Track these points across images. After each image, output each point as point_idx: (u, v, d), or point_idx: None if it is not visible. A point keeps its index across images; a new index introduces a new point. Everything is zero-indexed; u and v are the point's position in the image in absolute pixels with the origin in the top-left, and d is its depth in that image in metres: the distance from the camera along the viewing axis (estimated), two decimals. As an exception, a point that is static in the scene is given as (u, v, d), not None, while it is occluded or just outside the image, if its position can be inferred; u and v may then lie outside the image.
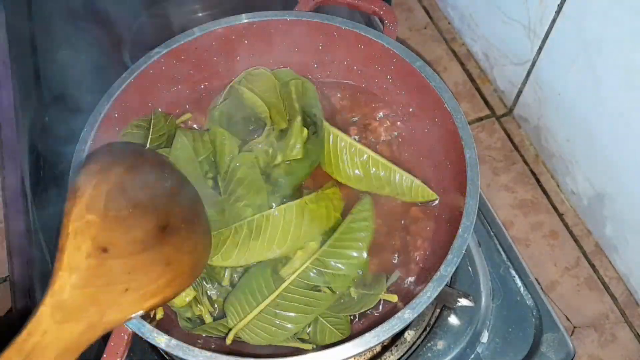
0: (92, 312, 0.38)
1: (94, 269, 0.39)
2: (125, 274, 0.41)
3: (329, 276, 0.51)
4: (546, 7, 0.75)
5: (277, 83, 0.62)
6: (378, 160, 0.58)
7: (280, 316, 0.50)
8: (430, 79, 0.57)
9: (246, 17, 0.61)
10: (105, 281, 0.39)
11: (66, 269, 0.39)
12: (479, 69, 0.98)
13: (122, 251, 0.41)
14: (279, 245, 0.52)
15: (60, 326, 0.37)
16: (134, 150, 0.54)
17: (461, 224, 0.49)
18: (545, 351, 0.59)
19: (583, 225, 0.84)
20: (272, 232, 0.52)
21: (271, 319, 0.50)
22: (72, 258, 0.39)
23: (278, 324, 0.49)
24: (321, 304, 0.51)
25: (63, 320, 0.37)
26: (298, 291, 0.50)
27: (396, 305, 0.52)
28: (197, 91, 0.65)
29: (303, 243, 0.53)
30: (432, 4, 1.06)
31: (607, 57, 0.68)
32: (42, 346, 0.35)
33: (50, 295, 0.38)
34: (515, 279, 0.63)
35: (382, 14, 0.63)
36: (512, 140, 0.92)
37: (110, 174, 0.45)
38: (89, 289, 0.39)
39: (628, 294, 0.80)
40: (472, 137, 0.53)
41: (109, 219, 0.41)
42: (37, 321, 0.36)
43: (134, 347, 0.58)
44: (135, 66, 0.58)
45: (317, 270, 0.51)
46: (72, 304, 0.38)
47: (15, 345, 0.35)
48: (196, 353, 0.44)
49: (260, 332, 0.49)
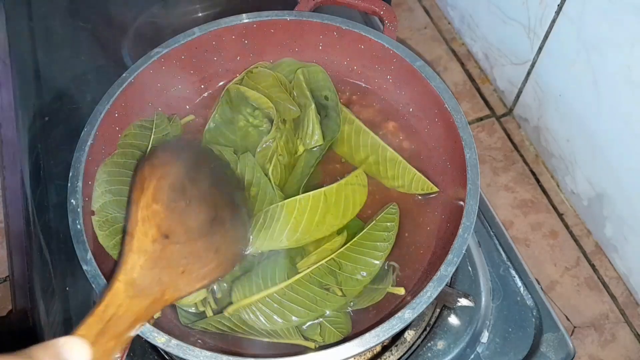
0: (156, 290, 0.43)
1: (158, 252, 0.44)
2: (183, 258, 0.46)
3: (342, 278, 0.51)
4: (546, 7, 0.75)
5: (280, 77, 0.62)
6: (386, 147, 0.59)
7: (285, 305, 0.50)
8: (430, 79, 0.57)
9: (246, 17, 0.61)
10: (166, 264, 0.45)
11: (136, 252, 0.44)
12: (479, 69, 0.98)
13: (180, 238, 0.46)
14: (289, 236, 0.52)
15: (131, 300, 0.42)
16: (191, 147, 0.59)
17: (461, 224, 0.49)
18: (545, 351, 0.59)
19: (583, 225, 0.84)
20: (283, 222, 0.52)
21: (275, 306, 0.50)
22: (141, 242, 0.44)
23: (281, 312, 0.50)
24: (328, 304, 0.50)
25: (134, 295, 0.42)
26: (308, 286, 0.50)
27: (404, 298, 0.52)
28: (197, 91, 0.65)
29: (316, 236, 0.53)
30: (432, 4, 1.06)
31: (607, 57, 0.68)
32: (117, 316, 0.40)
33: (123, 273, 0.43)
34: (515, 279, 0.63)
35: (382, 14, 0.63)
36: (512, 140, 0.92)
37: (171, 168, 0.49)
38: (154, 270, 0.44)
39: (628, 294, 0.80)
40: (472, 137, 0.53)
41: (170, 209, 0.47)
42: (113, 295, 0.41)
43: (134, 347, 0.58)
44: (135, 66, 0.58)
45: (332, 270, 0.51)
46: (140, 282, 0.43)
47: (95, 315, 0.39)
48: (196, 353, 0.44)
49: (260, 315, 0.50)
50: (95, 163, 0.54)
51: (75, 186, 0.51)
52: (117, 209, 0.53)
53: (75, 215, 0.50)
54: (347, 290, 0.51)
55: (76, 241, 0.48)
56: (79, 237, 0.49)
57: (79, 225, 0.49)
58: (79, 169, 0.52)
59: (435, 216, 0.57)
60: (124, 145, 0.57)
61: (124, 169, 0.55)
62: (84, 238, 0.49)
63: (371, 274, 0.52)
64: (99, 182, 0.54)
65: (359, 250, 0.52)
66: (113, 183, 0.54)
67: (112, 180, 0.54)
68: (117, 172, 0.55)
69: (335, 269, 0.51)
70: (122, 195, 0.54)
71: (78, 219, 0.49)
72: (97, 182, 0.54)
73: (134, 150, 0.57)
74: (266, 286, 0.50)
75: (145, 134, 0.58)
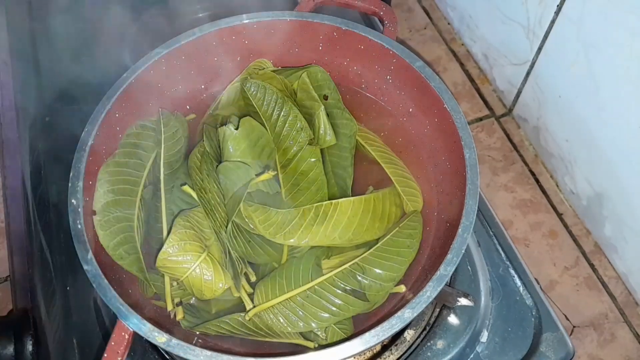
0: None
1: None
2: None
3: (366, 282, 0.51)
4: (545, 7, 0.75)
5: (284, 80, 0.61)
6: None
7: (308, 309, 0.49)
8: (430, 79, 0.57)
9: (246, 17, 0.61)
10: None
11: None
12: (479, 69, 0.98)
13: None
14: (341, 235, 0.53)
15: None
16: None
17: (461, 223, 0.49)
18: (544, 351, 0.59)
19: (582, 225, 0.85)
20: (337, 220, 0.53)
21: (297, 308, 0.49)
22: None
23: (302, 315, 0.49)
24: (351, 309, 0.50)
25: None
26: (332, 290, 0.50)
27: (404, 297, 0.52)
28: (197, 91, 0.65)
29: (365, 239, 0.53)
30: (431, 5, 1.06)
31: (607, 57, 0.68)
32: None
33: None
34: (514, 278, 0.63)
35: (382, 14, 0.63)
36: (511, 140, 0.92)
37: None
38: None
39: (627, 294, 0.80)
40: (472, 137, 0.53)
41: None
42: None
43: (135, 346, 0.58)
44: (135, 66, 0.58)
45: (355, 274, 0.51)
46: None
47: None
48: (197, 353, 0.44)
49: (282, 317, 0.49)
50: (95, 163, 0.54)
51: (75, 186, 0.51)
52: (119, 209, 0.53)
53: (76, 215, 0.50)
54: (371, 295, 0.51)
55: (77, 241, 0.48)
56: (80, 237, 0.49)
57: (80, 225, 0.49)
58: (80, 169, 0.52)
59: (435, 216, 0.57)
60: (126, 145, 0.57)
61: (127, 169, 0.55)
62: (84, 238, 0.49)
63: (395, 279, 0.52)
64: (101, 182, 0.54)
65: (383, 255, 0.52)
66: (115, 183, 0.54)
67: (114, 180, 0.54)
68: (119, 172, 0.55)
69: (359, 273, 0.51)
70: (124, 195, 0.54)
71: (79, 218, 0.49)
72: (99, 182, 0.54)
73: (137, 150, 0.57)
74: (289, 287, 0.50)
75: (148, 134, 0.58)
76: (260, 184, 0.56)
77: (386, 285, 0.51)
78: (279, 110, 0.58)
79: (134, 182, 0.55)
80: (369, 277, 0.51)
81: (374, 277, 0.51)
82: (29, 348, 0.60)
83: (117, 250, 0.51)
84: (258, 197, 0.56)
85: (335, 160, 0.59)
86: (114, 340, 0.46)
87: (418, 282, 0.53)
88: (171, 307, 0.52)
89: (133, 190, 0.55)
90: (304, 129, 0.58)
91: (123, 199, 0.53)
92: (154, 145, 0.58)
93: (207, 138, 0.57)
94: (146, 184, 0.56)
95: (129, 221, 0.53)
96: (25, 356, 0.60)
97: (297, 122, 0.58)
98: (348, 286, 0.50)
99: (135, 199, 0.54)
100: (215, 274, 0.50)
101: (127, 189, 0.54)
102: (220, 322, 0.51)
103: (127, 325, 0.46)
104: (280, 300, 0.50)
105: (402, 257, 0.52)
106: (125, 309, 0.46)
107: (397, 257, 0.52)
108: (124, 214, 0.53)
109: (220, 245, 0.53)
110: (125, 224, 0.53)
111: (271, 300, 0.50)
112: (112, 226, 0.52)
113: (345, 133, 0.59)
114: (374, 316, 0.53)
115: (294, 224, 0.53)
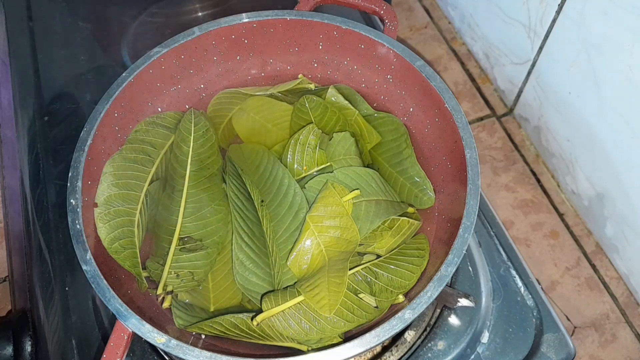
0: None
1: None
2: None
3: (377, 288, 0.50)
4: (547, 6, 0.75)
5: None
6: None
7: (317, 313, 0.49)
8: (431, 79, 0.57)
9: (246, 17, 0.61)
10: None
11: None
12: (480, 68, 0.98)
13: None
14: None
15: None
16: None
17: (461, 224, 0.48)
18: (545, 351, 0.59)
19: (583, 225, 0.84)
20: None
21: (309, 312, 0.49)
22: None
23: (313, 319, 0.49)
24: (365, 315, 0.49)
25: None
26: (345, 293, 0.49)
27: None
28: (197, 91, 0.65)
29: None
30: (432, 4, 1.06)
31: (608, 57, 0.68)
32: None
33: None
34: (515, 279, 0.63)
35: (383, 13, 0.63)
36: (512, 140, 0.92)
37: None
38: None
39: (628, 294, 0.80)
40: (473, 136, 0.53)
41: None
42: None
43: (134, 347, 0.58)
44: (135, 66, 0.58)
45: (367, 278, 0.50)
46: None
47: None
48: (196, 353, 0.44)
49: (292, 322, 0.48)
50: (94, 163, 0.54)
51: (74, 186, 0.51)
52: (122, 202, 0.53)
53: (75, 215, 0.49)
54: (381, 301, 0.50)
55: (76, 241, 0.48)
56: (79, 237, 0.48)
57: (79, 225, 0.49)
58: (79, 169, 0.52)
59: (435, 216, 0.57)
60: (134, 140, 0.57)
61: (134, 164, 0.55)
62: (83, 238, 0.48)
63: (406, 287, 0.51)
64: (105, 175, 0.54)
65: (394, 262, 0.52)
66: (120, 177, 0.54)
67: (119, 174, 0.54)
68: (125, 167, 0.55)
69: (372, 278, 0.51)
70: (128, 189, 0.54)
71: (78, 219, 0.49)
72: (104, 176, 0.54)
73: (145, 146, 0.57)
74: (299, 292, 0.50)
75: (157, 131, 0.58)
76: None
77: (395, 291, 0.51)
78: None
79: (139, 177, 0.55)
80: (380, 281, 0.50)
81: (385, 282, 0.51)
82: (28, 348, 0.60)
83: (113, 244, 0.51)
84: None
85: (389, 156, 0.60)
86: (112, 341, 0.46)
87: (419, 282, 0.53)
88: (161, 291, 0.52)
89: (138, 185, 0.55)
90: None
91: (127, 193, 0.53)
92: (164, 141, 0.58)
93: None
94: (153, 179, 0.56)
95: (130, 215, 0.53)
96: (24, 357, 0.60)
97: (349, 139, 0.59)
98: (360, 290, 0.50)
99: (140, 194, 0.55)
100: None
101: (131, 183, 0.54)
102: (213, 323, 0.50)
103: (126, 326, 0.45)
104: (290, 305, 0.49)
105: (414, 265, 0.52)
106: (124, 309, 0.45)
107: (409, 264, 0.52)
108: (125, 208, 0.53)
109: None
110: (125, 218, 0.52)
111: (280, 305, 0.49)
112: (112, 219, 0.52)
113: (389, 129, 0.60)
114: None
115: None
